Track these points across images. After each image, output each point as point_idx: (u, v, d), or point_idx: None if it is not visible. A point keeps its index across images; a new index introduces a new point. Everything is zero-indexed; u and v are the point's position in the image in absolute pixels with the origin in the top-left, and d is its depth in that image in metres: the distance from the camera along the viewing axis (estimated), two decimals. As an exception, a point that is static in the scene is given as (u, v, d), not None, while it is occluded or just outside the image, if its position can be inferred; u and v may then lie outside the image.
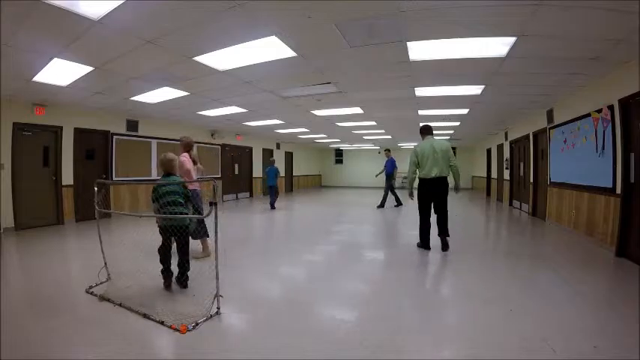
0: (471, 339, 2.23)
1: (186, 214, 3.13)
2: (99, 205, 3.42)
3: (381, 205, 9.67)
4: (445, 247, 4.50)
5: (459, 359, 2.04)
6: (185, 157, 4.10)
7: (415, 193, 4.65)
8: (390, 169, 9.71)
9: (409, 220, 8.00)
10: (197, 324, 2.39)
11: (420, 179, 4.53)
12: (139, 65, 4.29)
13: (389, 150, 10.16)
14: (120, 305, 2.72)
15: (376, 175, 10.87)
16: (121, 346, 2.14)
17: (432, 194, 4.47)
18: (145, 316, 2.52)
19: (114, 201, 7.72)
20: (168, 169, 3.25)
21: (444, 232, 4.51)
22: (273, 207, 9.56)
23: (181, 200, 3.12)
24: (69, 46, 3.57)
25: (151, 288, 3.10)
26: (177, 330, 2.30)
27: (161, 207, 3.05)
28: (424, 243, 4.64)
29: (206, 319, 2.47)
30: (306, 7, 2.85)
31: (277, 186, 9.72)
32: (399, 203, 9.72)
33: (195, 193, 4.05)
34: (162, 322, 2.41)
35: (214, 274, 2.62)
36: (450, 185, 4.54)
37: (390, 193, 9.75)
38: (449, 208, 4.59)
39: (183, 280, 3.12)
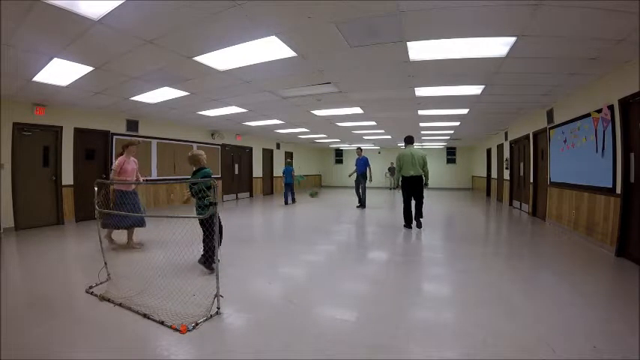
0: (470, 338, 2.23)
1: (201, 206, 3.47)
2: (99, 206, 3.42)
3: (362, 205, 9.66)
4: (419, 225, 6.21)
5: (459, 359, 2.04)
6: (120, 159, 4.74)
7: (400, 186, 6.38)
8: (362, 169, 9.47)
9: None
10: (197, 324, 2.39)
11: (402, 177, 6.24)
12: (139, 65, 4.29)
13: (360, 149, 10.01)
14: (120, 305, 2.72)
15: (349, 175, 10.93)
16: (121, 346, 2.14)
17: (411, 188, 6.19)
18: (145, 316, 2.52)
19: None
20: (193, 163, 3.67)
21: (419, 215, 6.27)
22: (287, 202, 10.59)
23: (201, 195, 3.45)
24: (69, 46, 3.57)
25: (152, 288, 3.08)
26: (178, 330, 2.30)
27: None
28: (406, 222, 6.31)
29: (206, 319, 2.46)
30: (306, 7, 2.85)
31: (292, 183, 10.76)
32: (361, 205, 9.65)
33: (121, 194, 4.54)
34: (162, 322, 2.41)
35: (214, 274, 2.63)
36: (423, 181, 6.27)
37: (357, 191, 9.75)
38: (449, 206, 4.60)
39: (203, 262, 3.50)
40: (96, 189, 3.42)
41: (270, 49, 3.75)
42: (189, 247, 3.33)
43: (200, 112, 7.75)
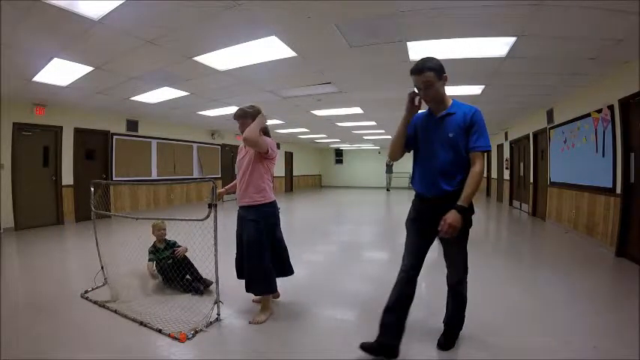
0: (470, 339, 2.23)
1: None
2: (97, 207, 3.35)
3: None
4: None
5: (459, 359, 2.04)
6: None
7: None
8: None
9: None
10: (196, 332, 2.29)
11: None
12: (139, 65, 4.29)
13: None
14: (115, 312, 2.61)
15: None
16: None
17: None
18: (141, 324, 2.41)
19: (114, 202, 7.72)
20: None
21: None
22: None
23: None
24: (69, 46, 3.57)
25: (148, 294, 3.04)
26: (176, 339, 2.20)
27: None
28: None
29: (206, 326, 2.37)
30: (306, 7, 2.85)
31: None
32: None
33: None
34: (159, 331, 2.30)
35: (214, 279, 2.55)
36: None
37: None
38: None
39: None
40: (92, 189, 3.30)
41: (270, 49, 3.75)
42: (189, 249, 3.33)
43: (200, 112, 7.75)
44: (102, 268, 3.20)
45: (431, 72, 1.86)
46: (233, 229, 2.74)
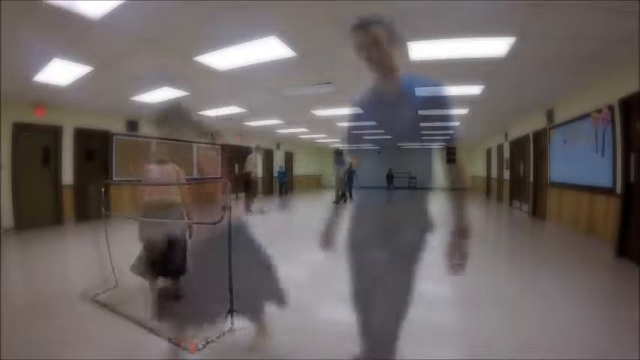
0: (470, 339, 2.23)
1: None
2: (99, 207, 3.36)
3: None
4: None
5: (459, 359, 2.04)
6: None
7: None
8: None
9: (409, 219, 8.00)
10: (208, 342, 2.12)
11: None
12: (139, 65, 4.29)
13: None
14: (117, 313, 2.56)
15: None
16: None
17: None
18: (150, 331, 2.29)
19: (114, 202, 7.69)
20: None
21: None
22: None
23: None
24: (69, 46, 3.57)
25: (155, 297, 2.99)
26: (186, 349, 2.08)
27: None
28: None
29: (218, 336, 2.21)
30: (306, 7, 2.85)
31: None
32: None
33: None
34: (168, 340, 2.17)
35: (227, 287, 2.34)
36: None
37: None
38: (447, 206, 3.22)
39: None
40: (103, 190, 3.30)
41: (270, 49, 3.75)
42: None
43: (200, 112, 7.74)
44: (113, 269, 3.12)
45: (381, 28, 1.44)
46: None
